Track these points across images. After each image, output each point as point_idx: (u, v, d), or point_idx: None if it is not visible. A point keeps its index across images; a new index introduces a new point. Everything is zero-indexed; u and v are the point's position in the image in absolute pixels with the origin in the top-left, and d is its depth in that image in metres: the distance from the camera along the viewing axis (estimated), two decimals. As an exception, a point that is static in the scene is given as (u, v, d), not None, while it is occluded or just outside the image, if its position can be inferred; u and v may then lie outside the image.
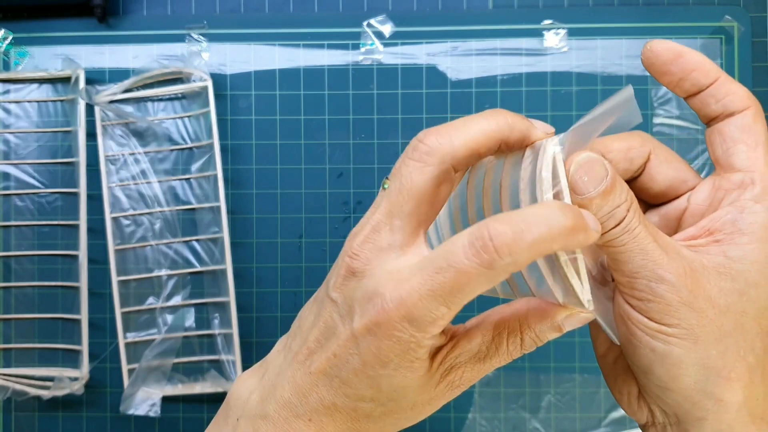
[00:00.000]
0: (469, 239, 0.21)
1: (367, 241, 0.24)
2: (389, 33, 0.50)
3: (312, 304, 0.27)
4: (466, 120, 0.24)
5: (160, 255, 0.50)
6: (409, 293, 0.22)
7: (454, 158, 0.24)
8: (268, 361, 0.28)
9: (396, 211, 0.24)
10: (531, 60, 0.50)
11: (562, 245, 0.22)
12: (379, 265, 0.24)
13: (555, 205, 0.22)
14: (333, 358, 0.24)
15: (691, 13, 0.49)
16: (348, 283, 0.24)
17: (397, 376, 0.24)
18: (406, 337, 0.23)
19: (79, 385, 0.48)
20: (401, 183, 0.24)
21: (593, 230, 0.23)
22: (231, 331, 0.48)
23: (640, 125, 0.50)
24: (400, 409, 0.25)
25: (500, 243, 0.21)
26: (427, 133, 0.24)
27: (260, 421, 0.26)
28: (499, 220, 0.21)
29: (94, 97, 0.48)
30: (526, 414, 0.50)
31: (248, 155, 0.50)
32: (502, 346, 0.25)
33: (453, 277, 0.22)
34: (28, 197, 0.50)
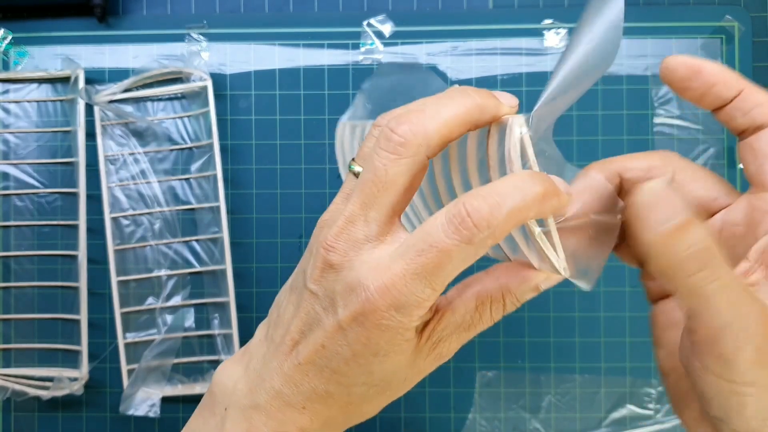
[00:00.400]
0: (446, 217, 0.22)
1: (342, 232, 0.24)
2: (389, 33, 0.50)
3: (289, 293, 0.27)
4: (435, 104, 0.24)
5: (159, 255, 0.50)
6: (393, 280, 0.22)
7: (429, 148, 0.23)
8: (251, 350, 0.28)
9: (370, 203, 0.24)
10: (531, 60, 0.50)
11: (537, 212, 0.22)
12: (357, 256, 0.24)
13: (525, 174, 0.22)
14: (321, 349, 0.24)
15: (691, 12, 0.49)
16: (326, 275, 0.24)
17: (388, 360, 0.24)
18: (393, 324, 0.23)
19: (79, 385, 0.48)
20: (375, 174, 0.24)
21: (565, 193, 0.23)
22: (231, 331, 0.48)
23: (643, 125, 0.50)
24: (393, 386, 0.26)
25: (478, 217, 0.21)
26: (398, 122, 0.23)
27: (252, 411, 0.26)
28: (473, 196, 0.22)
29: (93, 96, 0.48)
30: (527, 414, 0.50)
31: (248, 155, 0.50)
32: (485, 314, 0.25)
33: (435, 257, 0.22)
34: (27, 197, 0.50)
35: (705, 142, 0.49)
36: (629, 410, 0.49)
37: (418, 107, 0.24)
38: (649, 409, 0.49)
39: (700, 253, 0.21)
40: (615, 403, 0.49)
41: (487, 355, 0.49)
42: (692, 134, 0.49)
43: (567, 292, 0.49)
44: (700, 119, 0.49)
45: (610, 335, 0.49)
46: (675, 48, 0.49)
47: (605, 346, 0.49)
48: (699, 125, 0.49)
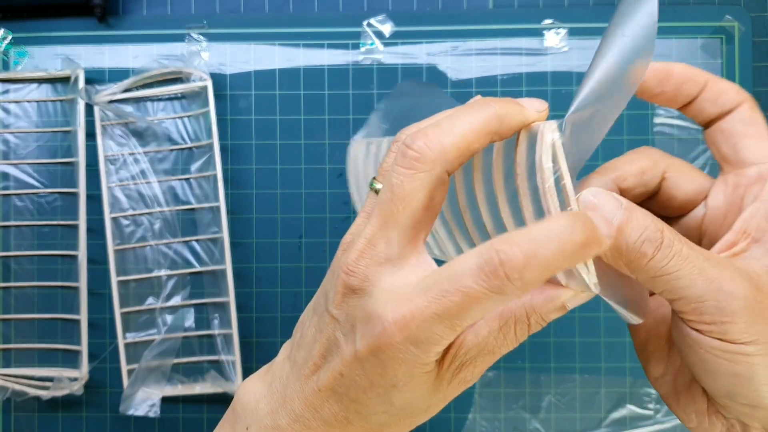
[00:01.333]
0: (477, 262, 0.21)
1: (363, 256, 0.23)
2: (389, 33, 0.50)
3: (312, 314, 0.27)
4: (452, 117, 0.23)
5: (159, 255, 0.50)
6: (413, 315, 0.22)
7: (446, 162, 0.23)
8: (274, 368, 0.28)
9: (390, 223, 0.23)
10: (531, 60, 0.50)
11: (574, 263, 0.21)
12: (378, 281, 0.23)
13: (565, 221, 0.21)
14: (340, 378, 0.24)
15: (691, 12, 0.49)
16: (348, 300, 0.24)
17: (407, 390, 0.23)
18: (410, 357, 0.22)
19: (79, 385, 0.48)
20: (393, 192, 0.23)
21: (606, 238, 0.22)
22: (231, 331, 0.48)
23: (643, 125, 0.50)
24: (414, 413, 0.25)
25: (511, 268, 0.20)
26: (414, 138, 0.23)
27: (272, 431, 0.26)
28: (508, 243, 0.20)
29: (93, 96, 0.48)
30: (527, 414, 0.50)
31: (248, 155, 0.50)
32: (510, 335, 0.24)
33: (460, 301, 0.21)
34: (27, 197, 0.50)
35: (705, 142, 0.49)
36: (629, 410, 0.49)
37: (435, 121, 0.23)
38: (649, 409, 0.49)
39: (650, 235, 0.22)
40: (615, 403, 0.49)
41: (487, 355, 0.49)
42: (692, 134, 0.49)
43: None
44: (700, 119, 0.49)
45: (610, 335, 0.49)
46: (675, 48, 0.49)
47: (605, 346, 0.49)
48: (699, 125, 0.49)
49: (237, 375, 0.48)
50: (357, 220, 0.26)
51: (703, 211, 0.27)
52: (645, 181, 0.27)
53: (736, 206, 0.25)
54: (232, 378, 0.48)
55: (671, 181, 0.27)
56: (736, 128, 0.25)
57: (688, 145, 0.49)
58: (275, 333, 0.50)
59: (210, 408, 0.50)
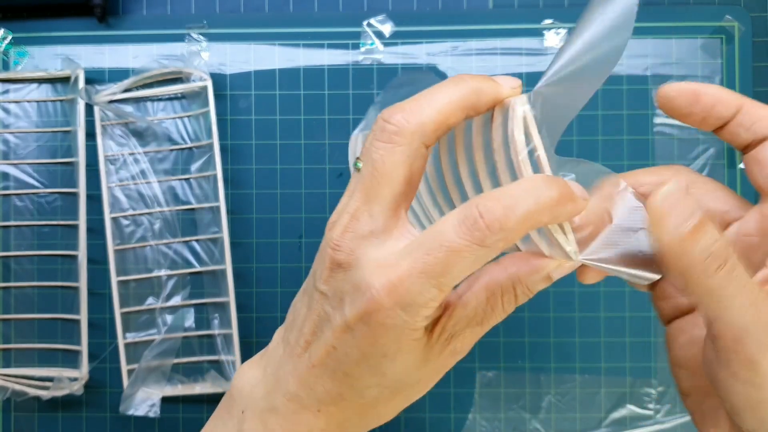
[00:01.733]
0: (458, 218, 0.22)
1: (348, 230, 0.24)
2: (389, 33, 0.50)
3: (302, 295, 0.27)
4: (430, 92, 0.24)
5: (159, 255, 0.50)
6: (400, 278, 0.22)
7: (424, 135, 0.23)
8: (269, 352, 0.28)
9: (372, 196, 0.24)
10: (531, 60, 0.50)
11: (551, 217, 0.22)
12: (364, 254, 0.23)
13: (539, 178, 0.22)
14: (332, 351, 0.24)
15: (691, 12, 0.49)
16: (335, 275, 0.24)
17: (398, 360, 0.24)
18: (399, 323, 0.23)
19: (79, 385, 0.48)
20: (373, 167, 0.24)
21: (581, 198, 0.22)
22: (231, 331, 0.48)
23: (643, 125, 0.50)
24: (407, 386, 0.25)
25: (491, 219, 0.21)
26: (392, 112, 0.24)
27: (268, 414, 0.26)
28: (487, 198, 0.22)
29: (93, 96, 0.48)
30: (527, 414, 0.50)
31: (248, 155, 0.50)
32: (497, 306, 0.25)
33: (444, 257, 0.21)
34: (27, 197, 0.50)
35: (705, 142, 0.49)
36: (629, 410, 0.49)
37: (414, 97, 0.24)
38: (649, 409, 0.49)
39: (718, 253, 0.21)
40: (615, 403, 0.49)
41: (487, 355, 0.49)
42: (692, 134, 0.49)
43: (567, 292, 0.49)
44: (700, 119, 0.49)
45: (610, 335, 0.49)
46: (675, 48, 0.49)
47: (605, 346, 0.49)
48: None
49: (237, 375, 0.48)
50: (342, 200, 0.26)
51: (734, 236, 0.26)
52: None
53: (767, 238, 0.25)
54: (232, 378, 0.48)
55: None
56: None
57: (688, 145, 0.49)
58: (275, 333, 0.50)
59: (210, 408, 0.50)
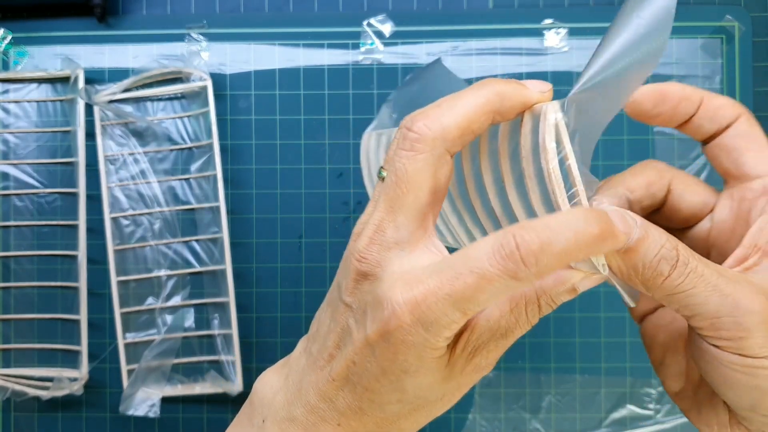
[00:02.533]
0: (494, 246, 0.21)
1: (373, 242, 0.23)
2: (389, 32, 0.50)
3: (326, 306, 0.27)
4: (453, 98, 0.23)
5: (159, 255, 0.50)
6: (424, 296, 0.22)
7: (446, 141, 0.23)
8: (291, 361, 0.28)
9: (397, 206, 0.23)
10: (531, 60, 0.50)
11: (589, 254, 0.21)
12: (388, 266, 0.23)
13: (582, 213, 0.21)
14: (353, 366, 0.24)
15: (691, 12, 0.49)
16: (360, 286, 0.24)
17: (419, 376, 0.23)
18: (419, 341, 0.22)
19: (79, 385, 0.48)
20: (396, 176, 0.23)
21: (622, 234, 0.22)
22: (231, 331, 0.48)
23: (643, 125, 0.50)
24: (429, 402, 0.25)
25: (527, 252, 0.20)
26: (414, 119, 0.23)
27: (288, 423, 0.26)
28: (525, 228, 0.21)
29: (93, 96, 0.48)
30: (527, 414, 0.50)
31: (248, 155, 0.50)
32: (522, 317, 0.24)
33: (474, 284, 0.21)
34: (27, 197, 0.50)
35: (705, 142, 0.49)
36: (629, 410, 0.49)
37: (436, 103, 0.24)
38: (649, 409, 0.49)
39: (666, 253, 0.22)
40: (615, 403, 0.49)
41: (487, 355, 0.49)
42: (692, 134, 0.49)
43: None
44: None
45: (610, 335, 0.49)
46: (675, 48, 0.49)
47: (605, 346, 0.49)
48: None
49: (237, 375, 0.48)
50: (366, 209, 0.26)
51: (709, 224, 0.27)
52: (652, 193, 0.27)
53: (743, 220, 0.25)
54: (232, 378, 0.48)
55: (676, 193, 0.27)
56: (736, 143, 0.26)
57: (688, 145, 0.49)
58: (275, 333, 0.50)
59: (210, 408, 0.50)
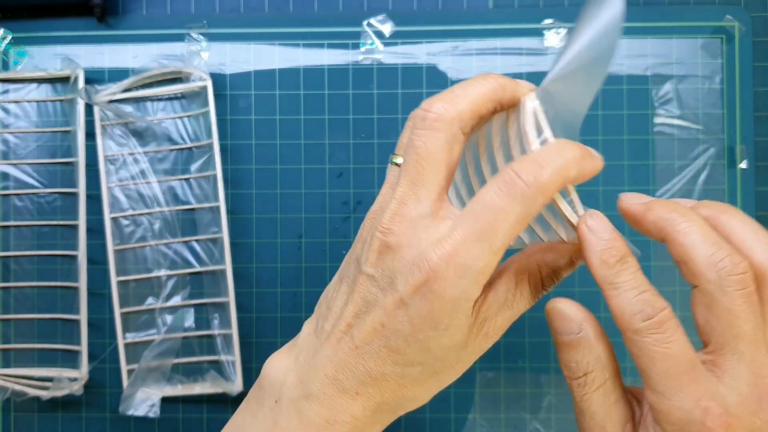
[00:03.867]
0: (498, 183, 0.24)
1: (397, 214, 0.25)
2: (389, 32, 0.50)
3: (338, 284, 0.28)
4: (463, 85, 0.26)
5: (159, 255, 0.50)
6: (455, 247, 0.24)
7: (462, 121, 0.26)
8: (299, 343, 0.28)
9: (418, 181, 0.25)
10: (531, 59, 0.50)
11: (577, 171, 0.24)
12: (414, 234, 0.25)
13: (562, 141, 0.25)
14: (380, 329, 0.25)
15: (691, 12, 0.49)
16: (384, 257, 0.25)
17: (446, 336, 0.25)
18: (457, 292, 0.24)
19: (79, 385, 0.48)
20: (417, 153, 0.25)
21: (598, 156, 0.25)
22: (231, 331, 0.48)
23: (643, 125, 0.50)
24: (446, 368, 0.26)
25: (526, 176, 0.23)
26: (431, 102, 0.26)
27: (303, 401, 0.26)
28: (520, 161, 0.24)
29: (93, 96, 0.48)
30: (527, 414, 0.50)
31: (248, 155, 0.50)
32: (525, 290, 0.27)
33: (493, 218, 0.24)
34: (27, 197, 0.50)
35: (705, 142, 0.49)
36: (629, 410, 0.49)
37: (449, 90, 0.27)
38: (650, 409, 0.49)
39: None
40: (615, 403, 0.49)
41: (487, 355, 0.49)
42: (692, 134, 0.49)
43: (567, 293, 0.49)
44: (700, 119, 0.49)
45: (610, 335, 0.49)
46: (675, 48, 0.49)
47: (605, 346, 0.49)
48: (699, 125, 0.49)
49: (237, 375, 0.48)
50: (382, 191, 0.28)
51: None
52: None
53: None
54: (232, 378, 0.48)
55: None
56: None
57: (688, 145, 0.49)
58: (275, 333, 0.50)
59: (210, 408, 0.50)
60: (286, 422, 0.27)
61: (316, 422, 0.26)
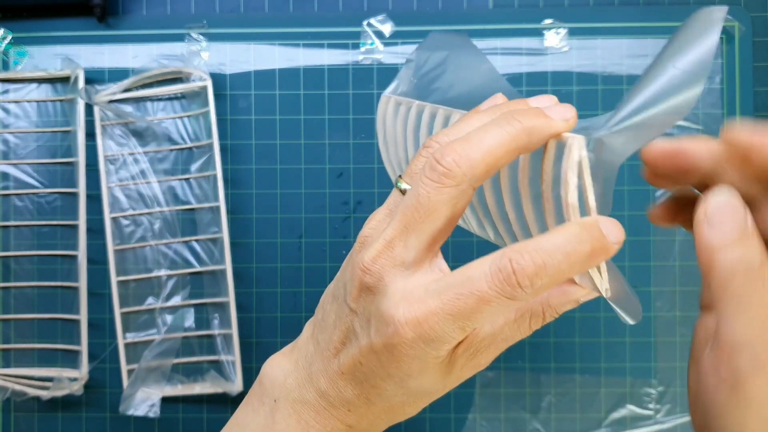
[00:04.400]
0: (491, 269, 0.22)
1: (380, 256, 0.24)
2: (389, 32, 0.50)
3: (332, 300, 0.28)
4: (480, 132, 0.24)
5: (159, 255, 0.50)
6: (426, 315, 0.23)
7: (473, 178, 0.23)
8: (299, 345, 0.29)
9: (411, 228, 0.24)
10: (531, 60, 0.50)
11: (581, 270, 0.22)
12: (392, 282, 0.24)
13: (573, 232, 0.22)
14: (359, 365, 0.25)
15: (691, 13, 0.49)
16: (364, 296, 0.25)
17: (422, 378, 0.25)
18: (421, 354, 0.24)
19: (79, 385, 0.48)
20: (418, 201, 0.24)
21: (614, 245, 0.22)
22: (231, 331, 0.48)
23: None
24: (430, 393, 0.27)
25: (522, 276, 0.21)
26: (444, 153, 0.23)
27: (300, 405, 0.27)
28: (520, 252, 0.22)
29: (93, 96, 0.48)
30: (527, 414, 0.50)
31: (248, 155, 0.50)
32: (524, 326, 0.26)
33: (473, 304, 0.22)
34: (27, 197, 0.50)
35: (705, 142, 0.49)
36: (629, 410, 0.49)
37: (465, 136, 0.24)
38: (649, 409, 0.49)
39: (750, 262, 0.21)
40: (615, 403, 0.49)
41: (487, 355, 0.49)
42: (692, 134, 0.49)
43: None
44: (700, 119, 0.49)
45: (610, 335, 0.49)
46: (675, 48, 0.49)
47: (605, 346, 0.49)
48: (699, 125, 0.49)
49: (237, 375, 0.48)
50: (377, 215, 0.27)
51: None
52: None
53: None
54: (232, 378, 0.48)
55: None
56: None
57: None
58: (275, 333, 0.50)
59: (210, 408, 0.50)
60: (286, 422, 0.27)
61: (314, 426, 0.27)
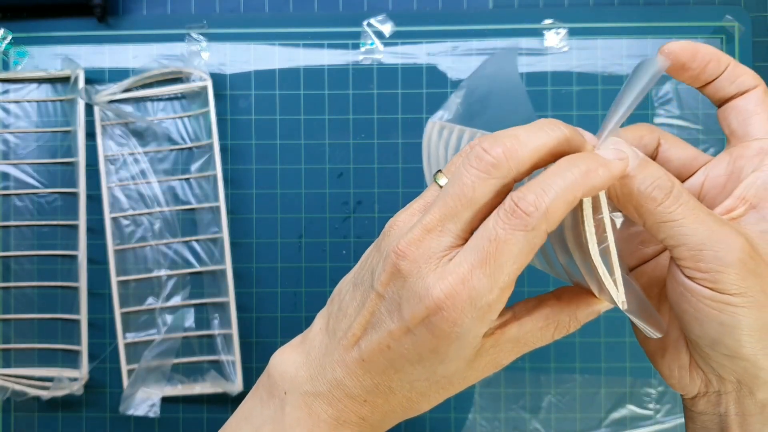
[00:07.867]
0: (497, 212, 0.23)
1: (416, 241, 0.25)
2: (389, 32, 0.50)
3: (353, 288, 0.28)
4: (527, 131, 0.25)
5: (159, 255, 0.50)
6: (461, 280, 0.23)
7: (519, 172, 0.24)
8: (310, 337, 0.29)
9: (451, 215, 0.24)
10: (531, 60, 0.50)
11: (585, 190, 0.23)
12: (426, 265, 0.24)
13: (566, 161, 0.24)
14: (387, 350, 0.25)
15: (691, 12, 0.49)
16: (395, 280, 0.25)
17: (452, 365, 0.25)
18: (462, 329, 0.24)
19: (79, 385, 0.48)
20: (461, 190, 0.24)
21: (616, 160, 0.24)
22: (231, 331, 0.48)
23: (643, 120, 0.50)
24: (452, 384, 0.27)
25: (525, 204, 0.23)
26: (492, 144, 0.24)
27: (311, 398, 0.27)
28: (520, 188, 0.23)
29: (93, 96, 0.48)
30: (527, 414, 0.50)
31: (248, 155, 0.50)
32: (547, 334, 0.27)
33: (494, 250, 0.23)
34: (27, 197, 0.50)
35: (705, 142, 0.49)
36: (629, 410, 0.49)
37: (513, 133, 0.25)
38: (649, 409, 0.49)
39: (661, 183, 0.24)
40: (615, 403, 0.49)
41: (487, 355, 0.49)
42: (692, 134, 0.49)
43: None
44: (700, 119, 0.49)
45: (610, 335, 0.49)
46: (675, 48, 0.49)
47: (605, 346, 0.49)
48: (699, 125, 0.49)
49: (237, 375, 0.48)
50: (413, 205, 0.27)
51: (702, 178, 0.29)
52: (644, 143, 0.30)
53: (735, 176, 0.28)
54: (232, 378, 0.48)
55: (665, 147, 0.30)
56: (748, 106, 0.28)
57: (688, 145, 0.49)
58: (275, 333, 0.50)
59: (210, 408, 0.50)
60: (296, 414, 0.27)
61: (325, 419, 0.27)
